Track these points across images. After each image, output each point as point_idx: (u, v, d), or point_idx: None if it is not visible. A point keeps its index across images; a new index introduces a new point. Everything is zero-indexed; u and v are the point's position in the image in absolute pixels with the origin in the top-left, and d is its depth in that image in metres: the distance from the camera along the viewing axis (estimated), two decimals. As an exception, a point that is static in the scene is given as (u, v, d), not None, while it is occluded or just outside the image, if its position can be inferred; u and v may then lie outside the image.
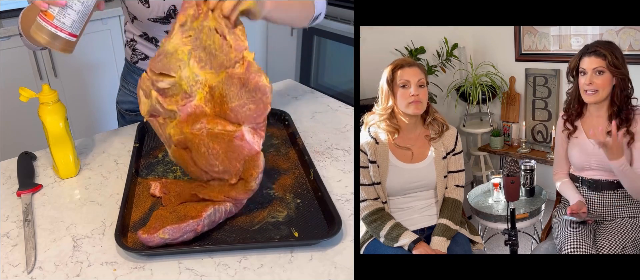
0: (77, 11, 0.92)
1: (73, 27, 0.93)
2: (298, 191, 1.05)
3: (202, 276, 0.83)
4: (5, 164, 1.15)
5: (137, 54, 1.38)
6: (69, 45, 0.95)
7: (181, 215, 0.89)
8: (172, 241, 0.86)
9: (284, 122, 1.36)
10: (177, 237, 0.86)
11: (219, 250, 0.88)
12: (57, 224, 0.95)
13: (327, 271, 0.85)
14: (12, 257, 0.87)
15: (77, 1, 0.91)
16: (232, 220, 0.95)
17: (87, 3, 0.92)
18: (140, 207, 1.00)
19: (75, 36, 0.95)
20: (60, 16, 0.91)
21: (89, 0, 0.92)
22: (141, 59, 1.39)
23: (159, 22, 1.27)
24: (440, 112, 1.18)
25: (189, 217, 0.88)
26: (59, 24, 0.91)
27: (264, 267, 0.85)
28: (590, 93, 1.13)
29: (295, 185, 1.07)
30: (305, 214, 0.97)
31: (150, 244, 0.86)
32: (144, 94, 1.00)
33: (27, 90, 1.03)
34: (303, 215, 0.97)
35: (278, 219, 0.96)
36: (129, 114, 1.48)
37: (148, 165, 1.16)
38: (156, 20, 1.26)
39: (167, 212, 0.91)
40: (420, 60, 2.08)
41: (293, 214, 0.97)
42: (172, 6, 1.24)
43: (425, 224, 1.15)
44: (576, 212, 1.18)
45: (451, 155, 1.16)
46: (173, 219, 0.89)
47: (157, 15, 1.25)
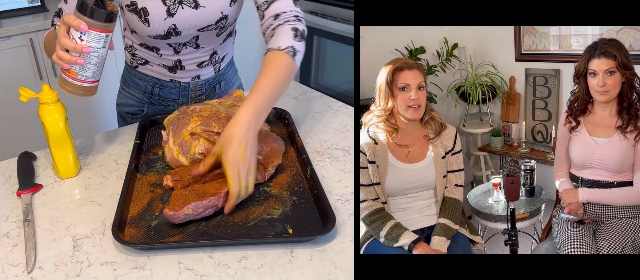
0: (95, 63, 1.01)
1: (94, 76, 1.03)
2: (294, 189, 1.05)
3: (202, 276, 0.83)
4: (5, 164, 1.15)
5: (137, 59, 1.37)
6: (93, 90, 1.06)
7: (200, 193, 0.93)
8: (195, 217, 0.91)
9: (284, 121, 1.36)
10: (199, 212, 0.91)
11: (212, 245, 0.89)
12: (57, 224, 0.95)
13: (327, 271, 0.85)
14: (12, 257, 0.87)
15: (93, 55, 0.98)
16: (227, 216, 0.96)
17: (101, 52, 1.00)
18: (138, 202, 1.00)
19: (97, 81, 1.05)
20: (82, 71, 1.00)
21: (104, 48, 1.00)
22: (141, 64, 1.38)
23: (159, 39, 1.27)
24: (440, 112, 1.18)
25: (208, 193, 0.93)
26: (82, 78, 1.01)
27: (264, 267, 0.85)
28: (603, 92, 1.14)
29: (292, 183, 1.07)
30: (301, 212, 0.98)
31: (175, 221, 0.90)
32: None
33: (27, 90, 1.03)
34: (298, 213, 0.98)
35: (273, 216, 0.96)
36: (130, 116, 1.47)
37: (148, 161, 1.16)
38: (156, 37, 1.26)
39: (186, 191, 0.94)
40: (420, 60, 2.09)
41: (288, 212, 0.98)
42: (172, 25, 1.23)
43: (425, 224, 1.15)
44: (574, 212, 1.18)
45: (450, 154, 1.16)
46: (193, 196, 0.92)
47: (157, 33, 1.24)
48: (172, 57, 1.33)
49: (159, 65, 1.36)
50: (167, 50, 1.31)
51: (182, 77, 1.38)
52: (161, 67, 1.36)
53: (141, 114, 1.45)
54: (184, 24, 1.23)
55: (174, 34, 1.25)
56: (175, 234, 0.91)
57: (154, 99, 1.42)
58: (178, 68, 1.36)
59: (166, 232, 0.92)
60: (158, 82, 1.39)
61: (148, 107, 1.44)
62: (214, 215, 0.96)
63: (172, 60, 1.34)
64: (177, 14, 1.21)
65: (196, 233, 0.92)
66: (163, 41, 1.28)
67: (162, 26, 1.22)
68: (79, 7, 0.94)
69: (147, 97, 1.41)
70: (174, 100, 1.42)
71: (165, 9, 1.20)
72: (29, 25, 2.46)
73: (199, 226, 0.94)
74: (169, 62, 1.34)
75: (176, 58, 1.33)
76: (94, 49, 0.98)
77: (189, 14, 1.22)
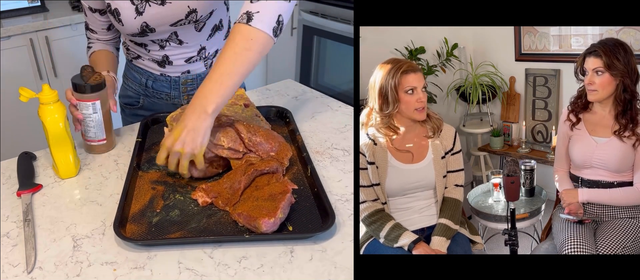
0: (93, 126, 1.16)
1: (96, 136, 1.18)
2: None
3: (202, 276, 0.83)
4: (5, 164, 1.15)
5: (131, 53, 1.44)
6: (101, 148, 1.20)
7: (269, 197, 0.96)
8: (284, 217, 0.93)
9: (285, 119, 1.37)
10: (286, 212, 0.94)
11: (213, 242, 0.89)
12: (57, 224, 0.95)
13: (327, 271, 0.85)
14: (12, 257, 0.87)
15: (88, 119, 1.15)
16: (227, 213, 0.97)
17: (95, 117, 1.15)
18: (140, 199, 1.01)
19: (103, 140, 1.19)
20: (86, 133, 1.18)
21: (95, 113, 1.15)
22: (134, 58, 1.44)
23: (137, 37, 1.32)
24: (440, 112, 1.18)
25: (278, 193, 0.96)
26: (87, 137, 1.19)
27: (264, 267, 0.85)
28: (592, 92, 1.14)
29: (293, 180, 1.07)
30: (301, 209, 0.98)
31: (275, 228, 0.91)
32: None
33: (27, 90, 1.03)
34: (298, 210, 0.98)
35: None
36: (128, 107, 1.53)
37: (150, 159, 1.16)
38: (135, 35, 1.31)
39: (253, 201, 0.96)
40: (420, 60, 2.09)
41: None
42: (143, 23, 1.26)
43: (425, 224, 1.15)
44: (574, 212, 1.18)
45: (450, 154, 1.16)
46: (268, 202, 0.94)
47: (132, 31, 1.29)
48: (159, 53, 1.37)
49: (149, 59, 1.41)
50: (153, 46, 1.36)
51: (172, 72, 1.42)
52: (151, 61, 1.41)
53: (137, 105, 1.51)
54: (155, 21, 1.26)
55: (149, 31, 1.28)
56: (176, 231, 0.92)
57: (148, 92, 1.47)
58: (166, 63, 1.40)
59: (167, 228, 0.93)
60: (151, 75, 1.44)
61: (144, 99, 1.49)
62: (214, 213, 0.97)
63: (160, 56, 1.38)
64: (145, 12, 1.25)
65: (197, 230, 0.92)
66: (143, 38, 1.32)
67: (134, 24, 1.26)
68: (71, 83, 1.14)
69: (142, 89, 1.47)
70: (167, 93, 1.46)
71: (134, 8, 1.24)
72: (29, 25, 2.46)
73: (200, 223, 0.94)
74: (157, 57, 1.39)
75: (163, 53, 1.37)
76: (86, 115, 1.15)
77: (156, 11, 1.25)
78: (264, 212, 0.91)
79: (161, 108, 1.46)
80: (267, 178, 1.03)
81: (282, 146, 1.13)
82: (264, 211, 0.91)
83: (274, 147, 1.11)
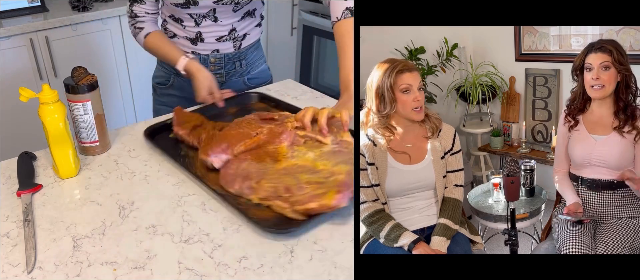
0: (84, 127, 1.17)
1: (89, 138, 1.19)
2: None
3: (202, 276, 0.83)
4: (5, 164, 1.15)
5: (168, 33, 1.54)
6: (95, 149, 1.21)
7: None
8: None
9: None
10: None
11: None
12: (57, 224, 0.95)
13: (327, 271, 0.85)
14: (12, 257, 0.87)
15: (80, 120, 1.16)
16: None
17: (85, 118, 1.16)
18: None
19: (96, 141, 1.20)
20: (78, 133, 1.19)
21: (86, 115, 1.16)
22: (171, 37, 1.54)
23: (180, 7, 1.43)
24: (440, 112, 1.18)
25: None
26: (80, 139, 1.19)
27: (264, 267, 0.85)
28: (597, 88, 1.14)
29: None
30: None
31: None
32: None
33: (27, 90, 1.03)
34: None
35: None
36: (159, 87, 1.64)
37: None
38: (177, 5, 1.43)
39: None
40: (420, 60, 2.09)
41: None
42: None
43: (425, 224, 1.15)
44: (573, 212, 1.18)
45: (449, 154, 1.16)
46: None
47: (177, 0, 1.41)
48: (194, 29, 1.49)
49: (183, 37, 1.52)
50: (190, 22, 1.48)
51: (202, 49, 1.53)
52: (185, 39, 1.52)
53: (168, 84, 1.62)
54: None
55: (193, 3, 1.41)
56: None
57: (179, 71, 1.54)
58: (199, 40, 1.51)
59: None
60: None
61: (174, 79, 1.60)
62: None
63: (194, 32, 1.50)
64: None
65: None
66: (184, 11, 1.44)
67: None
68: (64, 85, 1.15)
69: (173, 68, 1.51)
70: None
71: None
72: (29, 25, 2.46)
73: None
74: (191, 34, 1.50)
75: (197, 29, 1.49)
76: (77, 116, 1.16)
77: None
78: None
79: (191, 87, 1.48)
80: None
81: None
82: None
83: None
